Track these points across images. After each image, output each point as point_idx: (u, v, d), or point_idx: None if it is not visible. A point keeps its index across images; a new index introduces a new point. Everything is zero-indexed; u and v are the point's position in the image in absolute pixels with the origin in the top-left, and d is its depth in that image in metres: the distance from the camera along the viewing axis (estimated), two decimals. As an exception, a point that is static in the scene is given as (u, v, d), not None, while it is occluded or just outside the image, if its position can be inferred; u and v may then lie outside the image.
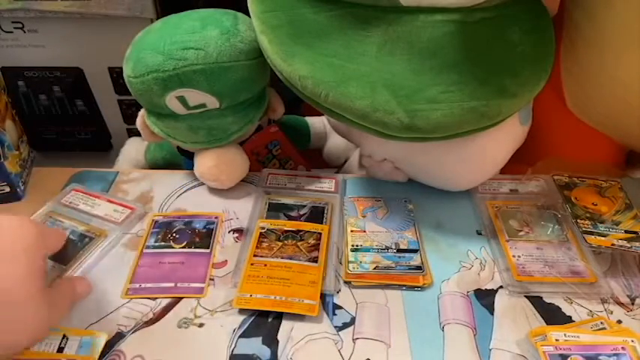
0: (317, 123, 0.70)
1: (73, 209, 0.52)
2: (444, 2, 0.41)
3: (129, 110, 0.72)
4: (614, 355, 0.39)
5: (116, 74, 0.68)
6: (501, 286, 0.46)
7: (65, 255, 0.47)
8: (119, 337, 0.41)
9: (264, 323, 0.43)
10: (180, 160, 0.61)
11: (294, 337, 0.41)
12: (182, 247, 0.48)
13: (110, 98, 0.71)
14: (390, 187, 0.57)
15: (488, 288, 0.46)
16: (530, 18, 0.46)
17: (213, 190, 0.55)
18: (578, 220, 0.51)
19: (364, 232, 0.50)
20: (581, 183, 0.56)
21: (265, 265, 0.46)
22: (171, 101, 0.47)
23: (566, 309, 0.45)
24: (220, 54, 0.46)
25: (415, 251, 0.49)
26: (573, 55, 0.55)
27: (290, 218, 0.52)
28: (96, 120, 0.74)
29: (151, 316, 0.43)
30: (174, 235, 0.50)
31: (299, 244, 0.48)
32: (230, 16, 0.49)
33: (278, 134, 0.59)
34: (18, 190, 0.53)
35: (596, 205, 0.53)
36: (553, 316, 0.44)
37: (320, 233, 0.49)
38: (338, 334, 0.42)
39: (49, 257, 0.44)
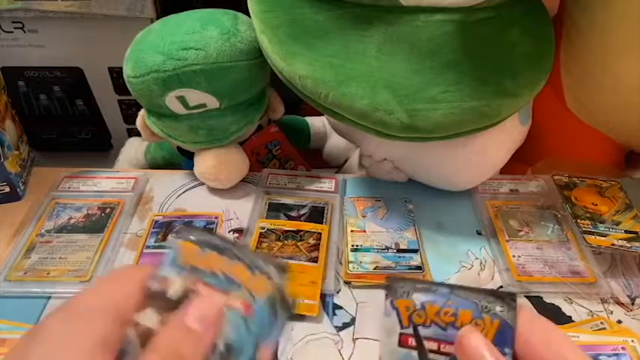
0: (317, 123, 0.70)
1: (76, 192, 0.53)
2: (444, 2, 0.41)
3: (129, 110, 0.72)
4: (614, 355, 0.39)
5: (116, 74, 0.68)
6: (501, 286, 0.46)
7: (98, 224, 0.50)
8: (119, 337, 0.41)
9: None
10: (180, 160, 0.61)
11: (294, 337, 0.41)
12: (182, 247, 0.48)
13: (110, 98, 0.71)
14: (390, 187, 0.57)
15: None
16: (530, 18, 0.46)
17: (213, 190, 0.55)
18: (578, 220, 0.50)
19: (364, 232, 0.50)
20: (581, 183, 0.56)
21: (265, 265, 0.46)
22: (171, 101, 0.47)
23: (566, 309, 0.45)
24: (220, 54, 0.46)
25: (415, 251, 0.49)
26: (573, 55, 0.55)
27: (290, 218, 0.52)
28: (96, 120, 0.74)
29: (151, 316, 0.43)
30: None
31: (299, 244, 0.48)
32: (230, 16, 0.49)
33: (278, 134, 0.59)
34: (18, 190, 0.53)
35: (596, 205, 0.53)
36: (553, 316, 0.44)
37: (320, 233, 0.49)
38: (338, 334, 0.42)
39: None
